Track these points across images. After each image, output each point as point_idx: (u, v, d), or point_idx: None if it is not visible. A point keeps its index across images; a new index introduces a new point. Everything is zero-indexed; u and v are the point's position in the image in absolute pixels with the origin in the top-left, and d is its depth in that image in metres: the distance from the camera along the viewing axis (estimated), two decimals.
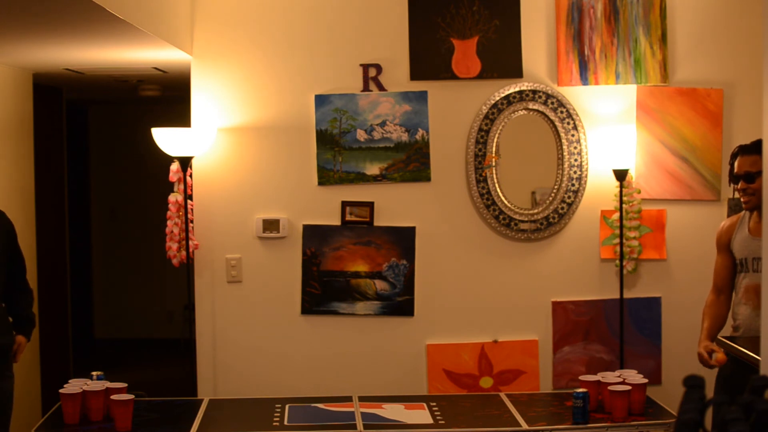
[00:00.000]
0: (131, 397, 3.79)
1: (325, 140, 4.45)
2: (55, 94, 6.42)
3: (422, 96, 4.46)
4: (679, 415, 1.46)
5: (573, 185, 4.50)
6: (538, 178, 4.61)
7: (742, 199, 3.65)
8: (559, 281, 4.55)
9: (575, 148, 4.48)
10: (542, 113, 4.48)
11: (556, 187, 4.52)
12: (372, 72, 4.45)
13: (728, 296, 3.82)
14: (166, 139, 4.28)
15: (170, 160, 4.39)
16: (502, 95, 4.46)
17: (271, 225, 4.47)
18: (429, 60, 4.46)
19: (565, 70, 4.49)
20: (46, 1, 3.18)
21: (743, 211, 3.76)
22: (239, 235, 4.48)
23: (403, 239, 4.47)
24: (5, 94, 5.11)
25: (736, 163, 3.66)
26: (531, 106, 4.47)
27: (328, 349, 4.51)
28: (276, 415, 3.95)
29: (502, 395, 4.30)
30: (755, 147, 3.58)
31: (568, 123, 4.48)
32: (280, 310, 4.50)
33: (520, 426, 3.78)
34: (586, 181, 4.50)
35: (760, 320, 2.56)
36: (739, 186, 3.64)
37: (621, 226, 4.44)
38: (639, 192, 4.49)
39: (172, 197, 4.41)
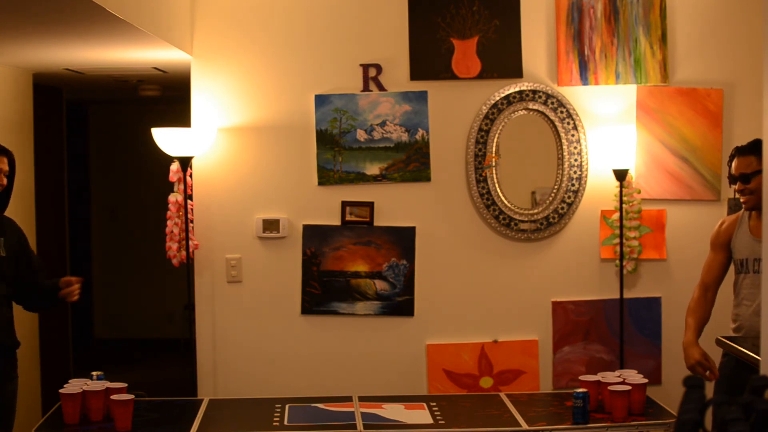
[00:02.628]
0: (131, 397, 3.79)
1: (325, 140, 4.45)
2: (55, 94, 6.42)
3: (422, 96, 4.46)
4: (679, 415, 1.46)
5: (573, 185, 4.50)
6: (538, 178, 4.61)
7: (741, 200, 3.69)
8: (559, 281, 4.55)
9: (575, 148, 4.48)
10: (542, 113, 4.47)
11: (556, 187, 4.52)
12: (372, 72, 4.45)
13: (714, 294, 3.83)
14: (166, 139, 4.28)
15: (170, 160, 4.39)
16: (502, 95, 4.45)
17: (271, 225, 4.47)
18: (429, 60, 4.46)
19: (565, 70, 4.49)
20: (46, 1, 3.18)
21: (742, 211, 3.77)
22: (239, 235, 4.48)
23: (403, 239, 4.47)
24: (5, 94, 5.11)
25: (733, 164, 3.71)
26: (531, 106, 4.47)
27: (328, 349, 4.51)
28: (276, 415, 3.95)
29: (502, 395, 4.30)
30: (750, 148, 3.64)
31: (568, 123, 4.47)
32: (280, 310, 4.50)
33: (520, 426, 3.78)
34: (586, 181, 4.50)
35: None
36: (736, 187, 3.69)
37: (621, 226, 4.44)
38: (639, 192, 4.49)
39: (172, 197, 4.41)
